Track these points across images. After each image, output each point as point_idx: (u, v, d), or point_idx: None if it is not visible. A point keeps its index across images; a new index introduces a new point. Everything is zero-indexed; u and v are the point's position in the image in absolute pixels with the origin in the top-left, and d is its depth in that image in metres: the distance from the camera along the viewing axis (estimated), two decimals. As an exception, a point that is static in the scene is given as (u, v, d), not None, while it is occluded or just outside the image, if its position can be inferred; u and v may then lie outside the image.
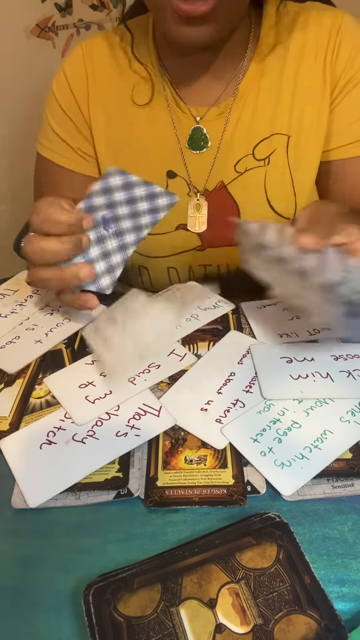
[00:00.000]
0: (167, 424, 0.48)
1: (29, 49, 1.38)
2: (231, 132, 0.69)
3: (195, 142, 0.70)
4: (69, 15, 1.42)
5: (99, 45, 0.73)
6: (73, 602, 0.37)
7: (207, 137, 0.70)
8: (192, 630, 0.34)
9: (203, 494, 0.43)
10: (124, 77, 0.71)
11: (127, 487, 0.44)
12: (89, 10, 1.44)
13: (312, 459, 0.44)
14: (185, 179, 0.71)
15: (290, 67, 0.67)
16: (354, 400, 0.49)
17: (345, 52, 0.66)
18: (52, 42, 1.42)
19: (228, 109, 0.69)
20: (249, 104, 0.69)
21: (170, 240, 0.73)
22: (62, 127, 0.74)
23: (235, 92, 0.69)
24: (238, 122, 0.69)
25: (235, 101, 0.69)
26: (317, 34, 0.67)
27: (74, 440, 0.47)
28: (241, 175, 0.70)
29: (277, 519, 0.40)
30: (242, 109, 0.69)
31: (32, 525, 0.42)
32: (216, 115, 0.70)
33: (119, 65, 0.72)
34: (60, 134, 0.74)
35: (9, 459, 0.47)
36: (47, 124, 0.75)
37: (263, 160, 0.70)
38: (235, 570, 0.37)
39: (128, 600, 0.35)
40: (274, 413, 0.49)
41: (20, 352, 0.59)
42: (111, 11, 1.46)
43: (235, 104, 0.69)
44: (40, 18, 1.37)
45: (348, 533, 0.40)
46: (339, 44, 0.66)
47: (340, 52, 0.66)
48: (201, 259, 0.74)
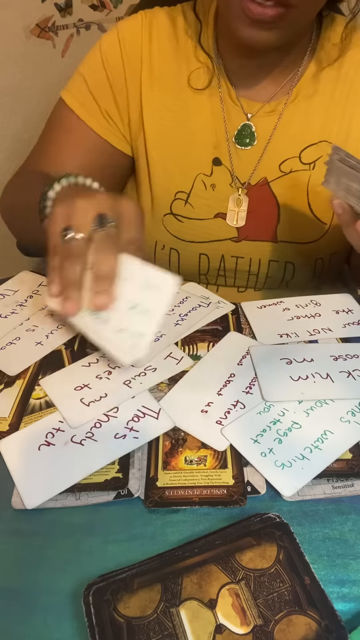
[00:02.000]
0: (166, 426, 0.48)
1: (29, 49, 1.38)
2: (281, 131, 0.70)
3: (241, 138, 0.71)
4: (69, 15, 1.42)
5: (161, 21, 0.71)
6: (73, 602, 0.37)
7: (254, 135, 0.70)
8: (192, 631, 0.34)
9: (203, 494, 0.43)
10: (182, 61, 0.71)
11: (127, 488, 0.44)
12: (89, 10, 1.44)
13: (312, 460, 0.44)
14: (229, 169, 0.72)
15: (345, 79, 0.69)
16: (354, 401, 0.49)
17: None
18: (52, 42, 1.42)
19: (280, 109, 0.70)
20: (301, 108, 0.69)
21: (206, 228, 0.73)
22: (97, 85, 0.71)
23: (289, 93, 0.69)
24: (289, 123, 0.70)
25: (289, 102, 0.70)
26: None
27: (72, 441, 0.47)
28: (285, 176, 0.71)
29: (277, 520, 0.40)
30: (294, 111, 0.70)
31: (32, 525, 0.42)
32: (267, 112, 0.70)
33: (180, 47, 0.71)
34: (92, 90, 0.72)
35: (7, 459, 0.47)
36: (81, 75, 0.72)
37: (309, 164, 0.70)
38: (235, 571, 0.37)
39: (128, 600, 0.35)
40: (274, 414, 0.49)
41: (20, 354, 0.59)
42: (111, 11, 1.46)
43: (288, 105, 0.70)
44: (40, 18, 1.37)
45: (348, 533, 0.40)
46: None
47: None
48: (235, 251, 0.74)
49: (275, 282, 0.75)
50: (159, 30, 0.71)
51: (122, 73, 0.71)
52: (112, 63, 0.71)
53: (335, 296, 0.65)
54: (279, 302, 0.64)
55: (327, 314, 0.62)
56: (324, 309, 0.63)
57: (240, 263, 0.75)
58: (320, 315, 0.62)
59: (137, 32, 0.70)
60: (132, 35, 0.70)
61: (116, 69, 0.71)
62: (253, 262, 0.74)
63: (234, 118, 0.70)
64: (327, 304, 0.63)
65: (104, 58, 0.71)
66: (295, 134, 0.70)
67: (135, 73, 0.71)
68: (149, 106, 0.71)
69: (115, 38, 0.71)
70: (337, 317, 0.61)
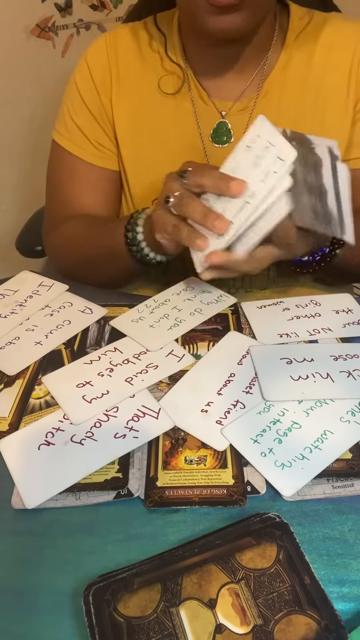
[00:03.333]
0: (165, 426, 0.48)
1: (29, 49, 1.38)
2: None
3: (218, 136, 0.71)
4: (69, 15, 1.42)
5: (125, 38, 0.73)
6: (73, 602, 0.37)
7: (230, 132, 0.71)
8: (192, 631, 0.34)
9: (203, 494, 0.43)
10: (150, 71, 0.72)
11: (127, 488, 0.44)
12: (89, 10, 1.44)
13: (312, 460, 0.44)
14: None
15: (315, 69, 0.69)
16: (354, 401, 0.49)
17: None
18: (52, 42, 1.42)
19: (252, 104, 0.70)
20: (273, 101, 0.70)
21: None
22: (81, 118, 0.74)
23: (259, 88, 0.70)
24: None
25: (259, 97, 0.70)
26: (343, 42, 0.69)
27: (72, 441, 0.47)
28: None
29: (277, 519, 0.40)
30: (266, 105, 0.70)
31: (32, 525, 0.42)
32: (239, 110, 0.71)
33: (146, 60, 0.72)
34: (79, 125, 0.74)
35: (7, 459, 0.47)
36: (66, 113, 0.75)
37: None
38: (235, 571, 0.37)
39: (128, 600, 0.35)
40: (274, 414, 0.49)
41: (19, 354, 0.59)
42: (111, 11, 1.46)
43: (259, 99, 0.70)
44: (40, 18, 1.37)
45: (348, 533, 0.40)
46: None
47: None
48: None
49: (263, 279, 0.75)
50: (124, 47, 0.73)
51: (98, 98, 0.73)
52: (87, 92, 0.73)
53: (335, 296, 0.65)
54: (279, 302, 0.64)
55: (327, 313, 0.62)
56: (324, 308, 0.63)
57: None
58: (320, 315, 0.62)
59: (102, 55, 0.73)
60: (99, 59, 0.73)
61: (92, 96, 0.73)
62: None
63: (208, 118, 0.71)
64: (327, 304, 0.63)
65: (79, 89, 0.74)
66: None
67: (107, 94, 0.73)
68: (120, 121, 0.73)
69: (85, 67, 0.73)
70: (337, 317, 0.61)
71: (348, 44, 0.69)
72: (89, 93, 0.73)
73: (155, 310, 0.64)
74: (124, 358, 0.56)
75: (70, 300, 0.67)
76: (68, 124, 0.75)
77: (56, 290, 0.69)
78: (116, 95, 0.72)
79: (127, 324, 0.62)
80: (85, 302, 0.66)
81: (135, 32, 0.73)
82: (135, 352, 0.57)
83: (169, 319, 0.62)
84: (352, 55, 0.69)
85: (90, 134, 0.74)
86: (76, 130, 0.74)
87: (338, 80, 0.69)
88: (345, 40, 0.69)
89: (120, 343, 0.59)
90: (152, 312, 0.63)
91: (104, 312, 0.64)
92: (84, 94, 0.73)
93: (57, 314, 0.65)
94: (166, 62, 0.72)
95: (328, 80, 0.69)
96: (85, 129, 0.74)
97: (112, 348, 0.58)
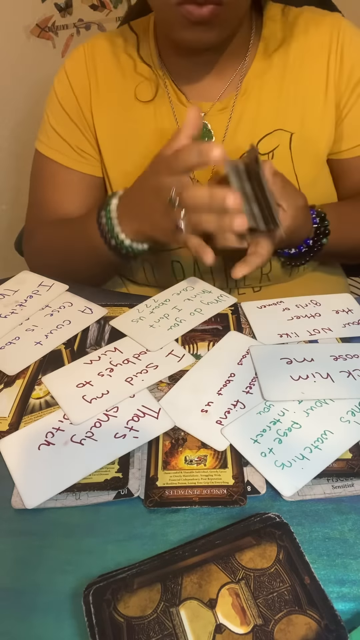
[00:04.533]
0: (165, 426, 0.48)
1: (29, 49, 1.38)
2: (234, 126, 0.70)
3: (200, 138, 0.71)
4: (69, 15, 1.42)
5: (102, 46, 0.74)
6: (73, 602, 0.37)
7: (211, 132, 0.71)
8: (192, 631, 0.34)
9: (203, 494, 0.43)
10: (127, 78, 0.72)
11: (127, 488, 0.44)
12: (89, 10, 1.44)
13: (312, 460, 0.44)
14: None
15: (293, 65, 0.69)
16: (354, 401, 0.49)
17: (351, 55, 0.68)
18: (52, 42, 1.42)
19: (231, 104, 0.70)
20: (252, 100, 0.70)
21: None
22: (61, 125, 0.74)
23: (238, 88, 0.70)
24: (242, 116, 0.70)
25: (239, 96, 0.70)
26: (318, 35, 0.69)
27: (72, 441, 0.47)
28: None
29: (277, 519, 0.40)
30: (245, 104, 0.70)
31: (32, 525, 0.42)
32: (219, 110, 0.71)
33: (122, 66, 0.72)
34: (59, 132, 0.75)
35: (7, 459, 0.47)
36: (47, 122, 0.76)
37: (267, 154, 0.71)
38: (235, 571, 0.37)
39: (128, 600, 0.35)
40: (274, 414, 0.49)
41: (19, 354, 0.59)
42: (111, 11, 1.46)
43: (238, 99, 0.70)
44: (40, 18, 1.37)
45: (348, 533, 0.40)
46: (341, 46, 0.69)
47: (345, 54, 0.69)
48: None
49: (255, 278, 0.75)
50: (101, 55, 0.73)
51: (78, 106, 0.74)
52: (67, 100, 0.74)
53: (335, 296, 0.65)
54: (279, 302, 0.64)
55: (327, 313, 0.62)
56: (324, 308, 0.63)
57: (214, 263, 0.74)
58: (320, 315, 0.62)
59: (81, 64, 0.74)
60: (77, 68, 0.74)
61: (71, 103, 0.74)
62: (227, 260, 0.74)
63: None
64: (327, 304, 0.63)
65: (59, 97, 0.74)
66: (250, 126, 0.70)
67: (87, 102, 0.73)
68: (100, 126, 0.73)
69: (64, 76, 0.74)
70: (337, 317, 0.61)
71: (322, 38, 0.69)
72: (69, 101, 0.74)
73: (155, 310, 0.64)
74: (124, 358, 0.56)
75: (70, 300, 0.67)
76: (49, 132, 0.75)
77: (56, 290, 0.69)
78: (96, 103, 0.73)
79: (127, 324, 0.62)
80: (85, 302, 0.66)
81: (112, 39, 0.74)
82: (135, 352, 0.57)
83: (169, 319, 0.62)
84: (328, 49, 0.69)
85: (71, 141, 0.75)
86: (57, 137, 0.75)
87: (315, 80, 0.69)
88: (319, 34, 0.69)
89: (120, 343, 0.59)
90: (152, 312, 0.63)
91: (104, 312, 0.64)
92: (63, 102, 0.74)
93: (57, 314, 0.65)
94: (139, 65, 0.72)
95: (306, 77, 0.69)
96: (66, 136, 0.74)
97: (112, 348, 0.58)
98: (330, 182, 0.76)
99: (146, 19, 0.74)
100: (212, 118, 0.71)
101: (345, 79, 0.69)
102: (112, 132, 0.73)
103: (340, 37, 0.69)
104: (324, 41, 0.69)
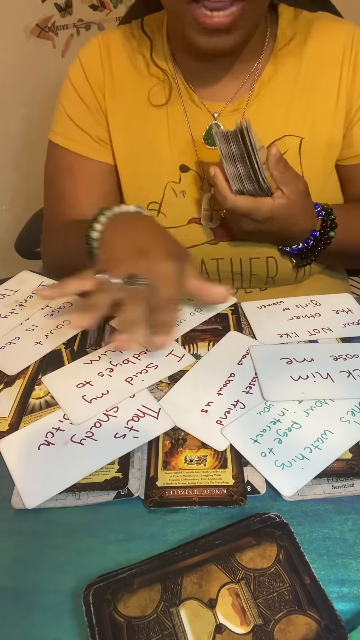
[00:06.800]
0: (165, 426, 0.48)
1: (29, 49, 1.38)
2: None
3: (211, 137, 0.71)
4: (69, 15, 1.42)
5: (116, 42, 0.73)
6: (73, 602, 0.37)
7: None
8: (192, 631, 0.34)
9: (203, 494, 0.43)
10: (141, 79, 0.72)
11: (127, 488, 0.44)
12: (89, 10, 1.44)
13: (312, 460, 0.44)
14: (199, 173, 0.72)
15: (306, 71, 0.69)
16: (354, 401, 0.49)
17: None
18: (52, 42, 1.42)
19: (244, 105, 0.70)
20: (264, 103, 0.70)
21: (182, 234, 0.73)
22: (77, 114, 0.74)
23: (251, 90, 0.70)
24: (254, 119, 0.70)
25: (251, 99, 0.70)
26: (332, 43, 0.69)
27: (72, 441, 0.47)
28: None
29: (277, 519, 0.40)
30: (257, 107, 0.70)
31: (32, 525, 0.42)
32: (231, 111, 0.71)
33: (136, 67, 0.72)
34: (75, 120, 0.74)
35: (7, 459, 0.47)
36: (62, 111, 0.75)
37: None
38: (235, 571, 0.37)
39: (128, 600, 0.35)
40: (274, 414, 0.49)
41: (19, 354, 0.59)
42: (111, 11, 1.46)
43: (251, 101, 0.70)
44: (40, 18, 1.37)
45: (348, 533, 0.40)
46: (355, 55, 0.69)
47: (358, 63, 0.69)
48: (214, 253, 0.74)
49: (262, 280, 0.75)
50: (116, 52, 0.73)
51: (92, 94, 0.73)
52: (83, 90, 0.73)
53: (335, 296, 0.65)
54: (278, 302, 0.64)
55: (327, 313, 0.62)
56: (324, 308, 0.63)
57: (221, 264, 0.74)
58: (320, 315, 0.62)
59: (96, 56, 0.73)
60: (93, 59, 0.73)
61: (88, 93, 0.73)
62: (234, 262, 0.74)
63: (200, 120, 0.71)
64: (327, 304, 0.63)
65: (76, 87, 0.74)
66: (261, 129, 0.69)
67: (101, 92, 0.73)
68: (113, 122, 0.73)
69: (79, 66, 0.74)
70: (337, 317, 0.61)
71: (337, 46, 0.69)
72: (84, 89, 0.73)
73: (155, 310, 0.64)
74: (124, 358, 0.56)
75: (70, 300, 0.67)
76: (65, 121, 0.75)
77: (56, 290, 0.69)
78: (110, 97, 0.73)
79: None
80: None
81: (126, 36, 0.74)
82: (135, 352, 0.57)
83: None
84: (342, 56, 0.69)
85: (87, 127, 0.74)
86: (73, 125, 0.74)
87: (327, 87, 0.69)
88: (333, 42, 0.69)
89: (120, 343, 0.59)
90: (152, 312, 0.63)
91: (104, 312, 0.64)
92: (79, 89, 0.73)
93: (57, 314, 0.65)
94: (152, 67, 0.72)
95: (317, 86, 0.69)
96: (82, 123, 0.74)
97: (112, 348, 0.58)
98: (338, 188, 0.76)
99: (160, 18, 0.74)
100: (224, 119, 0.71)
101: (358, 87, 0.69)
102: (124, 128, 0.73)
103: (354, 45, 0.69)
104: (338, 49, 0.69)
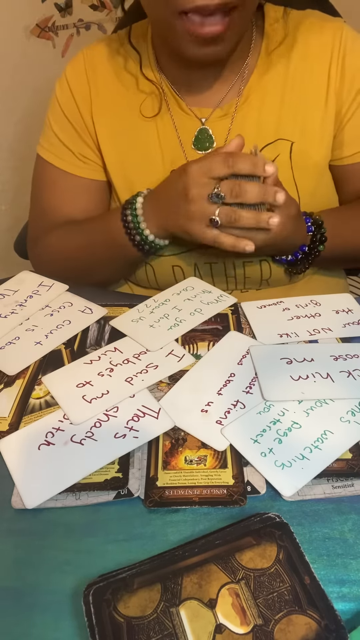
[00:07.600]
0: (165, 426, 0.48)
1: (29, 49, 1.38)
2: (236, 133, 0.70)
3: (201, 143, 0.71)
4: (69, 15, 1.42)
5: (101, 56, 0.73)
6: (73, 602, 0.37)
7: (212, 138, 0.71)
8: (192, 631, 0.34)
9: (203, 494, 0.43)
10: (130, 95, 0.72)
11: (127, 488, 0.44)
12: (89, 10, 1.44)
13: (312, 460, 0.44)
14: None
15: (294, 72, 0.69)
16: (354, 401, 0.49)
17: (352, 63, 0.68)
18: (52, 42, 1.42)
19: (233, 110, 0.70)
20: (253, 108, 0.70)
21: (175, 240, 0.73)
22: (63, 131, 0.75)
23: (239, 93, 0.69)
24: (243, 124, 0.70)
25: (240, 103, 0.70)
26: (319, 42, 0.69)
27: (72, 441, 0.47)
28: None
29: (277, 519, 0.40)
30: (246, 111, 0.70)
31: (32, 525, 0.42)
32: (220, 116, 0.70)
33: (125, 85, 0.72)
34: (61, 138, 0.75)
35: (7, 459, 0.47)
36: (49, 127, 0.76)
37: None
38: (235, 571, 0.37)
39: (128, 600, 0.35)
40: (274, 414, 0.49)
41: (19, 354, 0.59)
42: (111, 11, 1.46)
43: (239, 106, 0.70)
44: (40, 18, 1.37)
45: (348, 533, 0.40)
46: (343, 54, 0.68)
47: (346, 62, 0.68)
48: (207, 257, 0.74)
49: (256, 282, 0.75)
50: (101, 66, 0.73)
51: (78, 112, 0.74)
52: (68, 107, 0.74)
53: (335, 296, 0.65)
54: (279, 302, 0.64)
55: (327, 313, 0.62)
56: (324, 308, 0.63)
57: (215, 268, 0.74)
58: (320, 315, 0.62)
59: (81, 71, 0.73)
60: (78, 76, 0.73)
61: (73, 110, 0.74)
62: (227, 266, 0.74)
63: (189, 127, 0.71)
64: (327, 304, 0.63)
65: (61, 104, 0.74)
66: (251, 134, 0.70)
67: (87, 109, 0.73)
68: (102, 135, 0.73)
69: (64, 82, 0.74)
70: (337, 317, 0.61)
71: (324, 45, 0.69)
72: (70, 106, 0.74)
73: (155, 310, 0.64)
74: (124, 358, 0.56)
75: (70, 300, 0.67)
76: (50, 137, 0.76)
77: (56, 290, 0.69)
78: (97, 112, 0.73)
79: (127, 323, 0.62)
80: (85, 302, 0.66)
81: (111, 50, 0.73)
82: (135, 352, 0.57)
83: (169, 319, 0.62)
84: (330, 56, 0.68)
85: (72, 146, 0.75)
86: (58, 142, 0.75)
87: (316, 88, 0.69)
88: (320, 41, 0.69)
89: (120, 343, 0.59)
90: (152, 312, 0.63)
91: (104, 312, 0.64)
92: (65, 108, 0.74)
93: (57, 314, 0.65)
94: (142, 81, 0.72)
95: (306, 88, 0.69)
96: (67, 142, 0.75)
97: (112, 348, 0.58)
98: (332, 189, 0.76)
99: (145, 25, 0.74)
100: (213, 124, 0.70)
101: (347, 87, 0.68)
102: (114, 141, 0.73)
103: (342, 44, 0.68)
104: (325, 49, 0.68)
